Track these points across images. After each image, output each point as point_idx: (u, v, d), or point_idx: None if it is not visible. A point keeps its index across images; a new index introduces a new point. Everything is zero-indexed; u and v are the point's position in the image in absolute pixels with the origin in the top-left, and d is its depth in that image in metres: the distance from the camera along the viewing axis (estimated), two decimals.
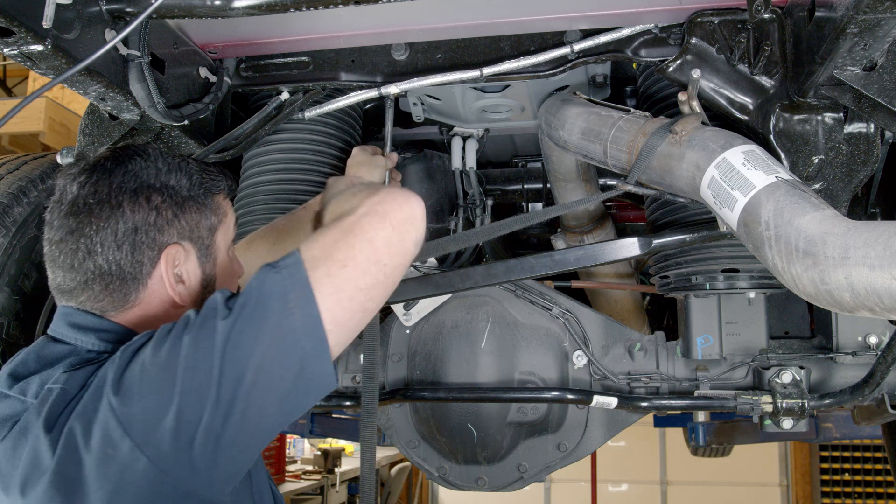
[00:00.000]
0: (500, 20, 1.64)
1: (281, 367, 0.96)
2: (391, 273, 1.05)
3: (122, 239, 1.09)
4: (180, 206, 1.16)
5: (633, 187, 1.53)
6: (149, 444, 0.93)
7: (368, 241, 1.02)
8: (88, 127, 1.89)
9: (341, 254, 1.00)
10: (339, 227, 1.04)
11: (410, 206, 1.09)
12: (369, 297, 1.02)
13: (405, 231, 1.06)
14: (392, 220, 1.05)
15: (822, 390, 1.84)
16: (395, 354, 2.05)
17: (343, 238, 1.02)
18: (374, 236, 1.03)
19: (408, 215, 1.07)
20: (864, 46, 1.19)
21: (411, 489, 9.67)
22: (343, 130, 2.00)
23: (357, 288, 1.00)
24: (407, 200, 1.09)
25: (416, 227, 1.10)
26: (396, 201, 1.08)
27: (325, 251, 1.00)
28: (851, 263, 1.06)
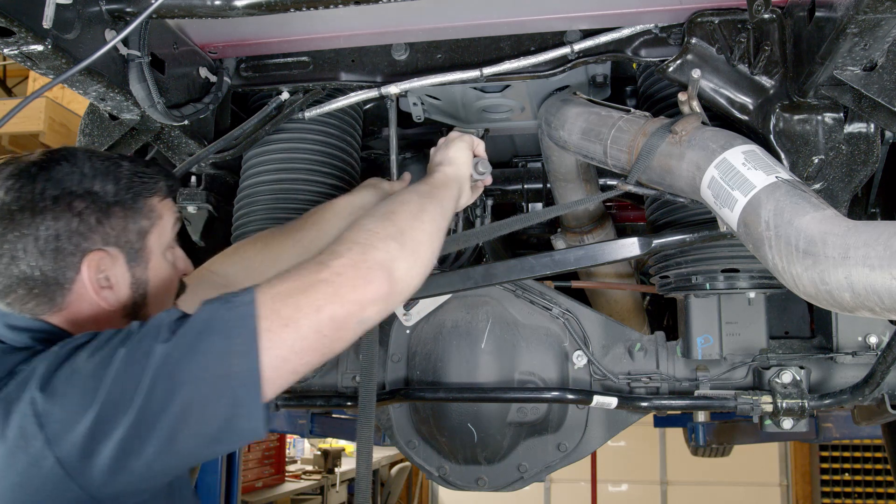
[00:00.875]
0: (500, 20, 1.64)
1: (211, 407, 0.95)
2: (330, 344, 1.03)
3: (45, 245, 1.09)
4: (104, 212, 1.15)
5: (633, 187, 1.53)
6: (60, 444, 0.93)
7: (315, 309, 1.00)
8: (88, 127, 1.89)
9: (287, 311, 0.99)
10: (299, 279, 1.03)
11: (371, 287, 1.05)
12: (302, 361, 1.01)
13: (355, 312, 1.03)
14: (343, 298, 1.02)
15: (822, 390, 1.84)
16: (395, 354, 2.05)
17: (295, 295, 1.01)
18: (322, 307, 1.01)
19: (366, 297, 1.04)
20: (865, 46, 1.19)
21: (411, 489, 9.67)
22: (343, 130, 2.00)
23: (292, 350, 0.99)
24: (368, 281, 1.05)
25: (375, 306, 1.06)
26: (357, 280, 1.04)
27: (275, 303, 0.99)
28: (851, 263, 1.06)
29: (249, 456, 6.29)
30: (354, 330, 1.05)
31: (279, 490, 6.63)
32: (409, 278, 1.12)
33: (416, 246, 1.15)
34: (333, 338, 1.02)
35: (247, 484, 6.11)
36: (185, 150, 1.80)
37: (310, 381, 2.09)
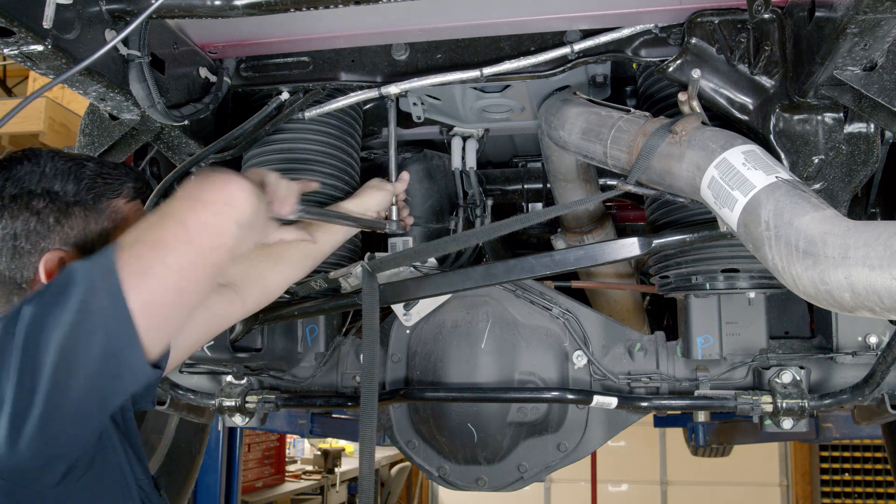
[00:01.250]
0: (500, 20, 1.64)
1: (85, 347, 0.94)
2: (209, 254, 1.04)
3: (2, 244, 1.10)
4: (63, 212, 1.15)
5: (634, 187, 1.53)
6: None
7: (179, 222, 1.02)
8: (88, 127, 1.89)
9: (152, 236, 1.00)
10: (154, 213, 1.05)
11: (228, 188, 1.08)
12: (184, 277, 1.01)
13: (219, 212, 1.06)
14: (205, 201, 1.05)
15: (822, 390, 1.84)
16: (395, 354, 2.05)
17: (157, 222, 1.03)
18: (185, 217, 1.03)
19: (223, 197, 1.07)
20: (865, 46, 1.19)
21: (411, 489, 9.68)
22: (343, 130, 2.00)
23: (167, 267, 0.99)
24: (224, 183, 1.09)
25: (235, 208, 1.08)
26: (212, 184, 1.08)
27: (137, 235, 1.01)
28: (851, 263, 1.06)
29: (249, 456, 6.29)
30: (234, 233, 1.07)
31: (279, 490, 6.63)
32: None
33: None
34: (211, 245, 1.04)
35: (247, 484, 6.11)
36: (185, 150, 1.80)
37: (310, 381, 2.09)
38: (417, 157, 2.23)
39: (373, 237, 2.18)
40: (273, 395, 2.04)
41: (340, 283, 1.88)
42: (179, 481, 3.06)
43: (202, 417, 2.52)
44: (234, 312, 1.58)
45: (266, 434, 6.46)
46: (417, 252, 1.77)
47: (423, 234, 2.19)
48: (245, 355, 1.95)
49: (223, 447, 4.73)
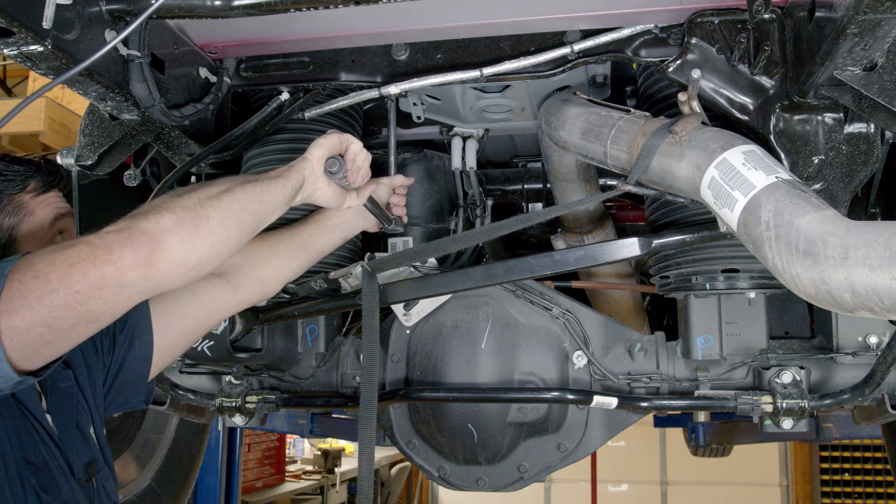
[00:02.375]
0: (500, 20, 1.64)
1: None
2: (86, 302, 1.04)
3: None
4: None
5: (634, 187, 1.53)
6: None
7: (68, 265, 1.03)
8: (89, 127, 1.89)
9: (41, 265, 1.02)
10: (66, 244, 1.06)
11: (128, 251, 1.07)
12: (55, 315, 1.02)
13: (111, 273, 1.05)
14: (98, 258, 1.05)
15: (822, 390, 1.84)
16: (395, 355, 2.05)
17: (53, 253, 1.04)
18: (74, 263, 1.03)
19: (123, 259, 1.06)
20: (865, 47, 1.19)
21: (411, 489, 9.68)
22: (343, 130, 2.00)
23: (41, 303, 1.01)
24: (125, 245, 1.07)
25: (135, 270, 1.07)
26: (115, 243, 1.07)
27: (33, 258, 1.03)
28: (851, 264, 1.06)
29: (249, 456, 6.30)
30: (115, 292, 1.06)
31: (279, 490, 6.63)
32: (184, 249, 1.13)
33: (200, 220, 1.16)
34: (89, 295, 1.03)
35: (247, 484, 6.11)
36: (186, 151, 1.80)
37: (310, 382, 2.09)
38: (417, 157, 2.23)
39: (373, 237, 2.18)
40: (273, 395, 2.04)
41: (340, 284, 1.88)
42: (179, 481, 3.06)
43: (202, 418, 2.52)
44: (226, 302, 1.58)
45: (266, 434, 6.47)
46: (417, 252, 1.77)
47: (423, 234, 2.19)
48: (245, 355, 1.95)
49: (223, 447, 4.73)
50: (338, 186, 1.59)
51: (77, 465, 1.33)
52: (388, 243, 2.15)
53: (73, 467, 1.31)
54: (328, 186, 1.55)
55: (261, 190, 1.34)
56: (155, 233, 1.09)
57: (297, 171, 1.47)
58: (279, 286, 1.70)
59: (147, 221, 1.10)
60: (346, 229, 1.79)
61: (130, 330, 1.49)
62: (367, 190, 1.68)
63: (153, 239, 1.09)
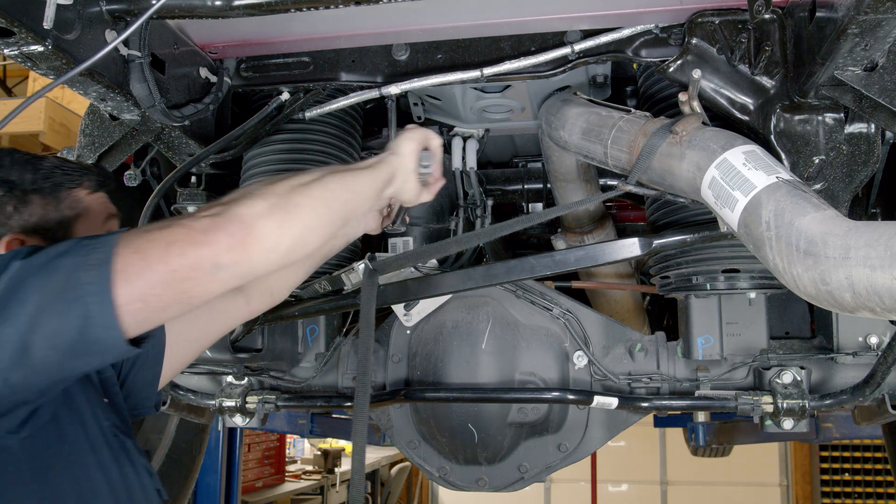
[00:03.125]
0: (500, 20, 1.64)
1: (62, 318, 0.97)
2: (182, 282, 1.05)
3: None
4: (21, 200, 1.20)
5: (634, 187, 1.52)
6: None
7: (166, 244, 1.04)
8: (89, 127, 1.89)
9: (140, 242, 1.03)
10: (163, 223, 1.07)
11: (222, 235, 1.07)
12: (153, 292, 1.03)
13: (206, 255, 1.06)
14: (194, 239, 1.06)
15: (822, 390, 1.84)
16: (396, 355, 2.05)
17: (153, 231, 1.05)
18: (173, 242, 1.05)
19: (218, 243, 1.07)
20: (865, 47, 1.19)
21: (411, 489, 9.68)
22: (343, 130, 2.00)
23: (140, 277, 1.02)
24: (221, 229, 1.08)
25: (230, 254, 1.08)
26: (210, 227, 1.07)
27: (132, 236, 1.04)
28: (852, 264, 1.06)
29: (249, 456, 6.29)
30: (210, 274, 1.06)
31: (279, 490, 6.63)
32: (276, 235, 1.13)
33: (291, 207, 1.17)
34: (185, 275, 1.04)
35: (247, 484, 6.11)
36: (186, 151, 1.80)
37: (310, 381, 2.09)
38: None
39: (373, 238, 2.18)
40: (273, 395, 2.04)
41: (343, 282, 1.88)
42: (179, 481, 3.06)
43: (202, 418, 2.52)
44: (239, 311, 1.59)
45: (266, 434, 6.47)
46: (419, 254, 1.76)
47: (424, 235, 2.18)
48: (245, 356, 1.95)
49: (223, 447, 4.74)
50: (418, 183, 1.55)
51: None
52: (389, 243, 2.15)
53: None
54: (414, 182, 1.52)
55: (351, 179, 1.33)
56: (248, 218, 1.11)
57: (388, 164, 1.44)
58: (287, 294, 1.70)
59: (241, 207, 1.11)
60: (350, 232, 1.79)
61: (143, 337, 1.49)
62: (438, 185, 1.62)
63: (246, 224, 1.10)
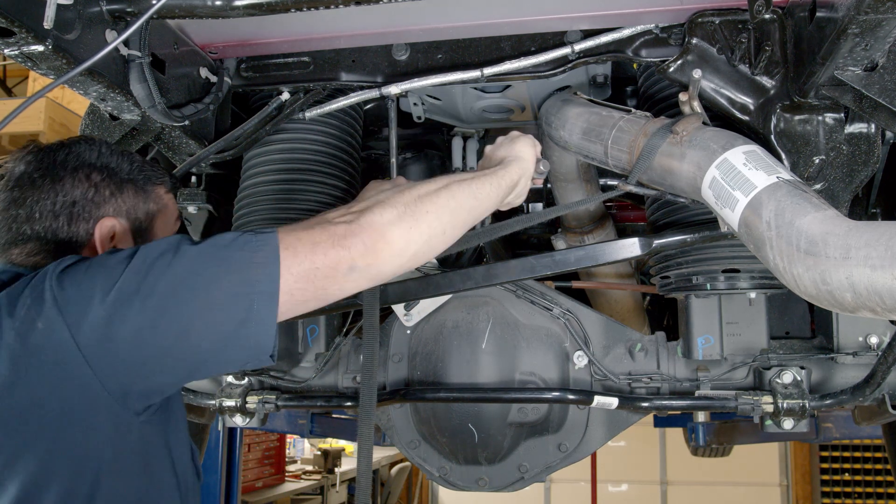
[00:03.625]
0: (500, 20, 1.64)
1: (227, 309, 1.04)
2: (323, 281, 1.12)
3: (60, 210, 1.21)
4: (118, 186, 1.27)
5: (634, 187, 1.53)
6: (81, 328, 1.00)
7: (312, 244, 1.12)
8: (89, 127, 1.89)
9: (288, 240, 1.10)
10: (308, 224, 1.15)
11: (358, 239, 1.14)
12: (297, 285, 1.11)
13: (344, 257, 1.13)
14: (335, 242, 1.13)
15: (822, 390, 1.84)
16: (396, 355, 2.05)
17: (299, 232, 1.13)
18: (318, 243, 1.12)
19: (354, 246, 1.13)
20: (866, 47, 1.19)
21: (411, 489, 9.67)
22: (343, 130, 2.00)
23: (288, 270, 1.09)
24: (355, 235, 1.14)
25: (364, 259, 1.15)
26: (348, 232, 1.14)
27: (289, 235, 1.11)
28: (853, 264, 1.06)
29: (249, 456, 6.29)
30: (346, 275, 1.14)
31: (279, 490, 6.63)
32: (404, 241, 1.20)
33: (420, 215, 1.24)
34: (326, 274, 1.11)
35: (247, 484, 6.11)
36: (186, 151, 1.80)
37: (310, 381, 2.09)
38: (418, 156, 2.23)
39: None
40: (273, 395, 2.04)
41: None
42: None
43: (202, 418, 2.52)
44: None
45: (266, 434, 6.47)
46: None
47: None
48: None
49: (223, 447, 4.73)
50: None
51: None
52: None
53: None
54: (527, 188, 1.54)
55: (476, 187, 1.36)
56: (380, 226, 1.18)
57: (514, 170, 1.46)
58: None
59: (373, 215, 1.18)
60: None
61: None
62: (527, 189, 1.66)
63: (379, 232, 1.17)
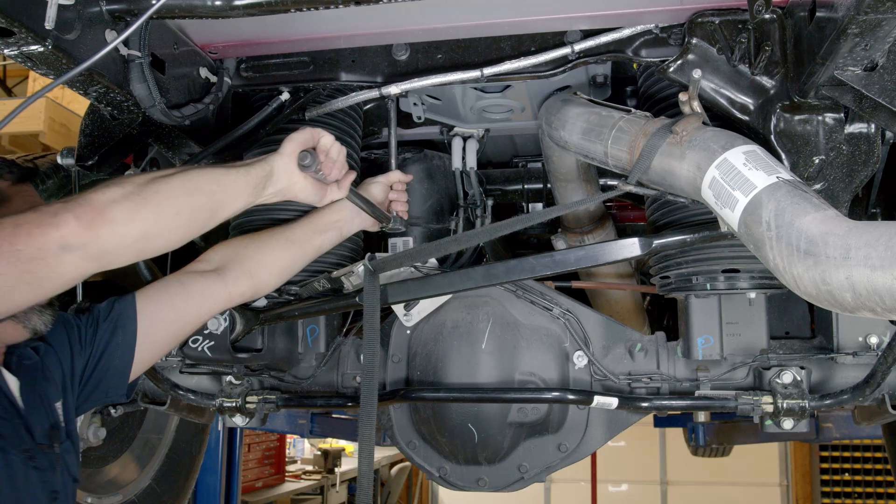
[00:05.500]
0: (500, 20, 1.64)
1: None
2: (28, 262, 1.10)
3: None
4: None
5: (634, 187, 1.52)
6: None
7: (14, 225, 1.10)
8: (89, 127, 1.88)
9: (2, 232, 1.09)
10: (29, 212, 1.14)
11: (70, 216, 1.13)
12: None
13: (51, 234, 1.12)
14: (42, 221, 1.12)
15: (822, 390, 1.84)
16: (396, 355, 2.05)
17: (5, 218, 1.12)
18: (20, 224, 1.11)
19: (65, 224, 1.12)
20: (865, 47, 1.19)
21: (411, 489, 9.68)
22: (343, 130, 2.00)
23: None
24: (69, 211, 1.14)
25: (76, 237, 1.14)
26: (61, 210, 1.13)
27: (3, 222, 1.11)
28: (853, 264, 1.06)
29: (249, 456, 6.29)
30: (57, 255, 1.12)
31: (279, 490, 6.63)
32: (128, 219, 1.20)
33: (148, 194, 1.24)
34: (31, 255, 1.10)
35: (247, 484, 6.11)
36: (186, 150, 1.80)
37: (310, 382, 2.09)
38: (417, 157, 2.23)
39: (374, 237, 2.18)
40: (273, 395, 2.04)
41: (343, 283, 1.88)
42: (179, 482, 3.06)
43: (202, 418, 2.51)
44: (217, 294, 1.63)
45: (266, 434, 6.47)
46: (419, 252, 1.77)
47: (424, 235, 2.19)
48: (245, 356, 1.95)
49: (223, 447, 4.73)
50: (315, 181, 1.60)
51: (38, 429, 1.40)
52: (389, 243, 2.15)
53: (34, 431, 1.39)
54: (304, 180, 1.56)
55: (220, 174, 1.38)
56: (99, 202, 1.17)
57: (265, 162, 1.49)
58: (272, 279, 1.72)
59: (94, 193, 1.17)
60: (343, 228, 1.80)
61: (114, 318, 1.55)
62: (346, 182, 1.68)
63: (96, 207, 1.16)
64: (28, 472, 1.35)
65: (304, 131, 1.56)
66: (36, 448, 1.38)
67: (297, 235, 1.73)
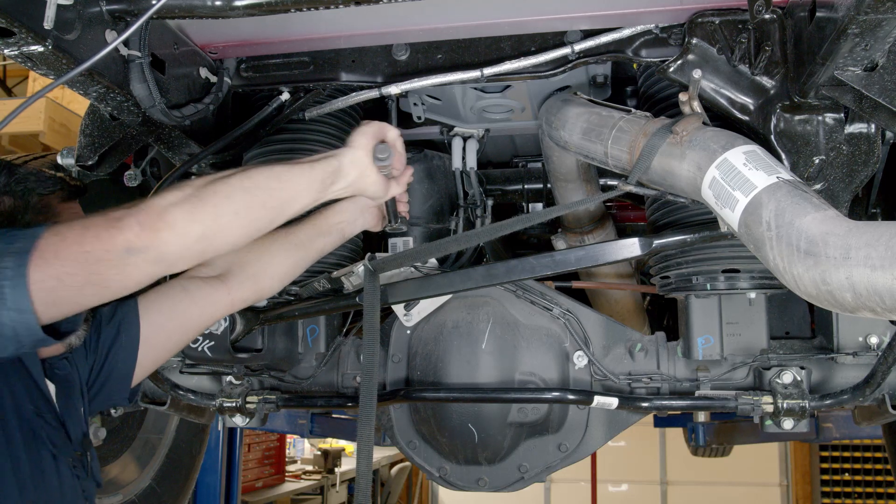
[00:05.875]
0: (500, 20, 1.64)
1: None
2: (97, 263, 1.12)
3: None
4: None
5: (634, 188, 1.52)
6: None
7: (83, 227, 1.12)
8: (89, 127, 1.89)
9: (59, 228, 1.11)
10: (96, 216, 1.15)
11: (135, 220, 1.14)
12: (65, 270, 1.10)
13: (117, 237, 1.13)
14: (110, 223, 1.13)
15: (822, 390, 1.84)
16: (396, 355, 2.05)
17: (74, 221, 1.14)
18: (89, 226, 1.13)
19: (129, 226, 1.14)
20: (866, 47, 1.19)
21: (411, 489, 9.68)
22: (343, 131, 2.00)
23: (56, 256, 1.09)
24: (133, 216, 1.15)
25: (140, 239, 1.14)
26: (128, 213, 1.15)
27: (59, 226, 1.12)
28: (853, 264, 1.06)
29: (249, 456, 6.30)
30: (122, 257, 1.13)
31: (279, 490, 6.63)
32: (187, 220, 1.20)
33: (206, 195, 1.24)
34: (98, 257, 1.11)
35: (247, 484, 6.11)
36: (186, 150, 1.80)
37: (310, 382, 2.09)
38: (418, 157, 2.23)
39: (374, 237, 2.18)
40: (273, 395, 2.04)
41: (343, 283, 1.88)
42: (179, 481, 3.06)
43: (202, 418, 2.52)
44: (220, 300, 1.62)
45: (266, 434, 6.47)
46: (419, 252, 1.76)
47: (424, 235, 2.19)
48: (245, 356, 1.95)
49: (223, 447, 4.74)
50: (383, 175, 1.57)
51: (74, 438, 1.41)
52: (389, 243, 2.15)
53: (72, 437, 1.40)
54: (377, 174, 1.54)
55: (280, 170, 1.36)
56: (160, 206, 1.18)
57: (333, 157, 1.46)
58: (275, 284, 1.70)
59: (156, 198, 1.19)
60: (345, 229, 1.79)
61: (117, 323, 1.55)
62: (405, 177, 1.66)
63: (157, 211, 1.17)
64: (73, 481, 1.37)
65: (373, 125, 1.54)
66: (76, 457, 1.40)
67: (300, 239, 1.71)
